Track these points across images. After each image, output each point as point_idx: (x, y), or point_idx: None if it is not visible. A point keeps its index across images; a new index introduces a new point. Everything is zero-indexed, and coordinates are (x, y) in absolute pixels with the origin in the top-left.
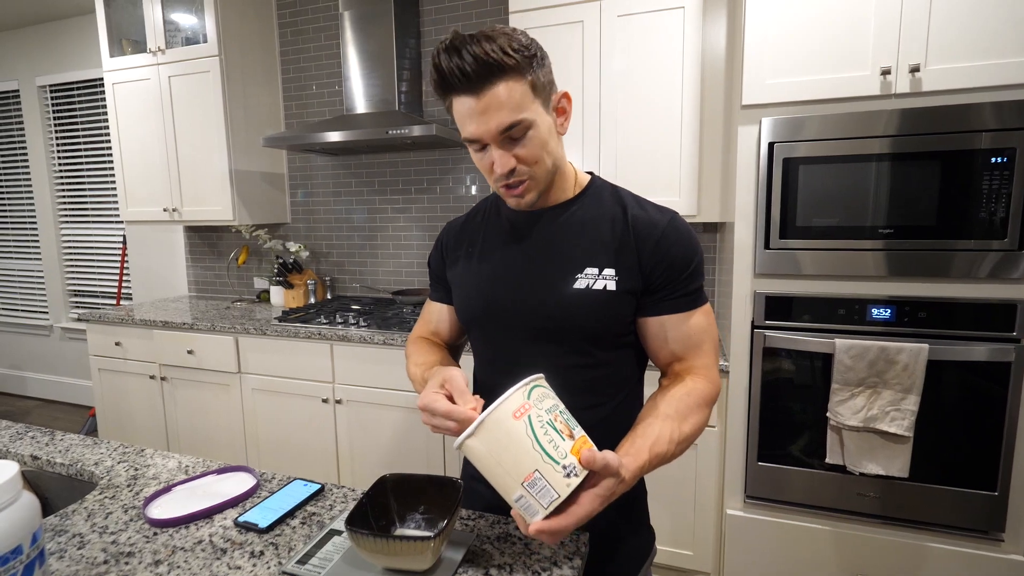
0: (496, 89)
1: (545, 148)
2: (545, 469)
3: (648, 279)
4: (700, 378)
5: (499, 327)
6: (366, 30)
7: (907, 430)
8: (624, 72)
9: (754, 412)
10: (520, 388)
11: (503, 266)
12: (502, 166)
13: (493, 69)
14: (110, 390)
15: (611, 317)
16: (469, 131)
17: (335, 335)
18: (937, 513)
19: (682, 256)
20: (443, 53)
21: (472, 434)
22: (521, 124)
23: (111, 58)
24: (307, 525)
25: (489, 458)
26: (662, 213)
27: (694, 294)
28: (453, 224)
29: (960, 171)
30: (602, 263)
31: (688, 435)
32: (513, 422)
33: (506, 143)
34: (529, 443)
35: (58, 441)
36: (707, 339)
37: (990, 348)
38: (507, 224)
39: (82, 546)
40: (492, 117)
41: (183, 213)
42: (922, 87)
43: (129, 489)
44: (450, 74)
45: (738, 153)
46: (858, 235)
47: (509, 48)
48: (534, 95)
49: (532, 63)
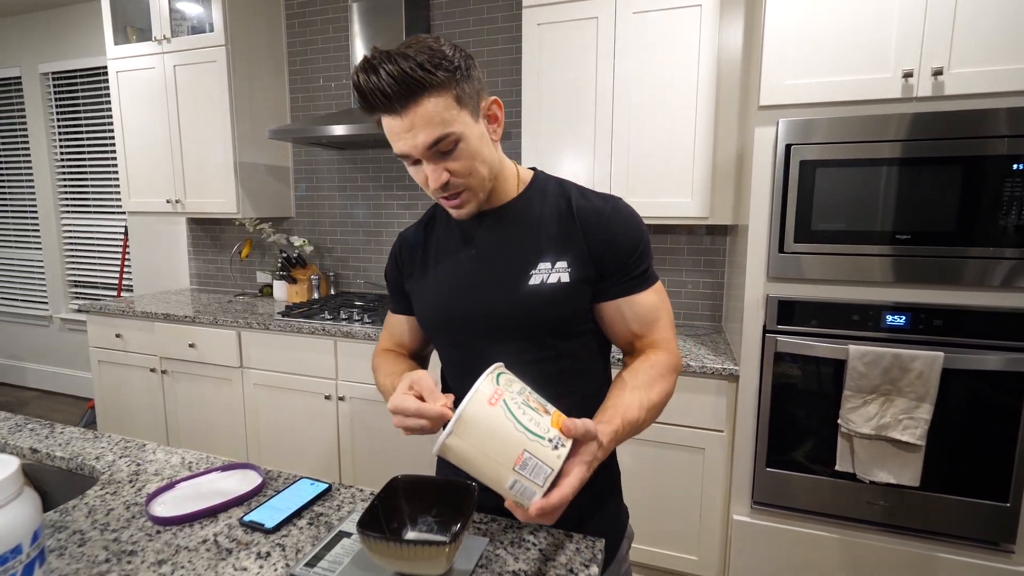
0: (419, 107)
1: (477, 158)
2: (533, 447)
3: (599, 266)
4: (661, 351)
5: (461, 332)
6: (375, 23)
7: (920, 439)
8: (638, 70)
9: (763, 417)
10: (487, 377)
11: (458, 272)
12: (435, 180)
13: (413, 87)
14: (110, 382)
15: (569, 308)
16: (398, 148)
17: (339, 331)
18: (947, 523)
19: (628, 240)
20: (361, 73)
21: (452, 432)
22: (448, 138)
23: (115, 46)
24: (315, 526)
25: (473, 451)
26: (605, 201)
27: (644, 274)
28: (405, 235)
29: (980, 177)
30: (553, 256)
31: (656, 402)
32: (490, 409)
33: (436, 157)
34: (511, 425)
35: (58, 434)
36: (662, 315)
37: (1006, 357)
38: (457, 229)
39: (83, 543)
40: (418, 134)
41: (186, 205)
42: (944, 91)
43: (131, 485)
44: (371, 95)
45: (754, 155)
46: (874, 240)
47: (429, 64)
48: (460, 107)
49: (455, 75)
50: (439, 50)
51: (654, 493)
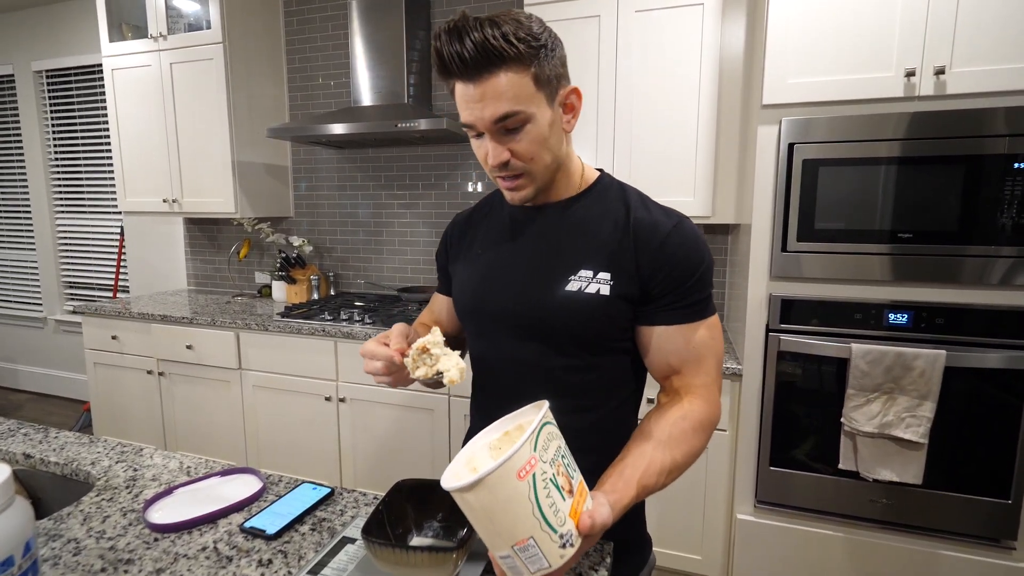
0: (495, 79)
1: (544, 144)
2: (541, 537)
3: (647, 285)
4: (698, 399)
5: (490, 323)
6: (375, 20)
7: (922, 437)
8: (640, 69)
9: (767, 416)
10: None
11: (498, 262)
12: (494, 157)
13: (493, 58)
14: (106, 385)
15: (602, 322)
16: (464, 117)
17: (339, 332)
18: (949, 520)
19: (686, 264)
20: (444, 35)
21: (468, 487)
22: (517, 116)
23: (111, 43)
24: (317, 532)
25: (481, 512)
26: (668, 216)
27: (698, 305)
28: (459, 218)
29: (982, 176)
30: (597, 265)
31: (681, 464)
32: (516, 483)
33: (501, 134)
34: (530, 508)
35: (52, 439)
36: (709, 355)
37: (1007, 355)
38: (507, 219)
39: (78, 552)
40: (487, 106)
41: (183, 204)
42: (946, 90)
43: (128, 491)
44: (449, 60)
45: (756, 154)
46: (876, 239)
47: (514, 37)
48: (537, 88)
49: (539, 54)
50: (527, 25)
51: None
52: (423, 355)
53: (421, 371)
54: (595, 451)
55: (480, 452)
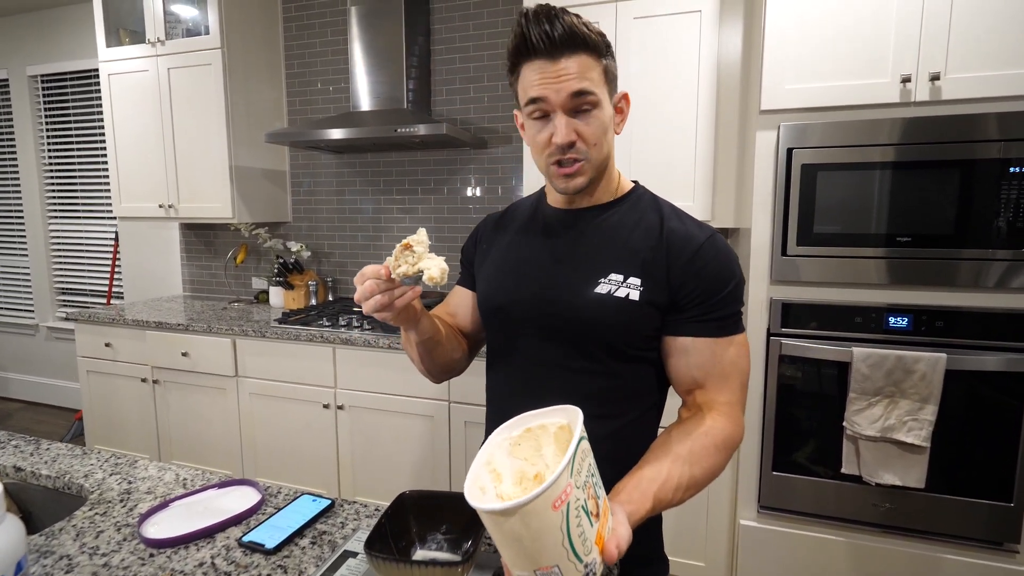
0: (576, 58)
1: (605, 134)
2: (566, 567)
3: (676, 295)
4: (722, 417)
5: (514, 321)
6: (374, 26)
7: (924, 440)
8: (639, 75)
9: (769, 421)
10: (566, 466)
11: (528, 261)
12: (564, 136)
13: (578, 41)
14: (99, 393)
15: (629, 327)
16: (537, 91)
17: (337, 338)
18: (951, 524)
19: (717, 277)
20: (531, 18)
21: (499, 514)
22: (591, 96)
23: (108, 48)
24: (318, 545)
25: (509, 537)
26: (702, 229)
27: (727, 320)
28: (492, 216)
29: (978, 180)
30: (628, 271)
31: (699, 481)
32: (551, 514)
33: (571, 114)
34: (560, 538)
35: (44, 450)
36: (735, 373)
37: (1007, 358)
38: (541, 221)
39: (70, 570)
40: (568, 80)
41: (180, 210)
42: (941, 95)
43: (122, 504)
44: (538, 38)
45: (755, 158)
46: (875, 243)
47: (592, 29)
48: (605, 80)
49: (609, 50)
50: (595, 26)
51: None
52: (405, 252)
53: (403, 268)
54: (611, 461)
55: (499, 453)
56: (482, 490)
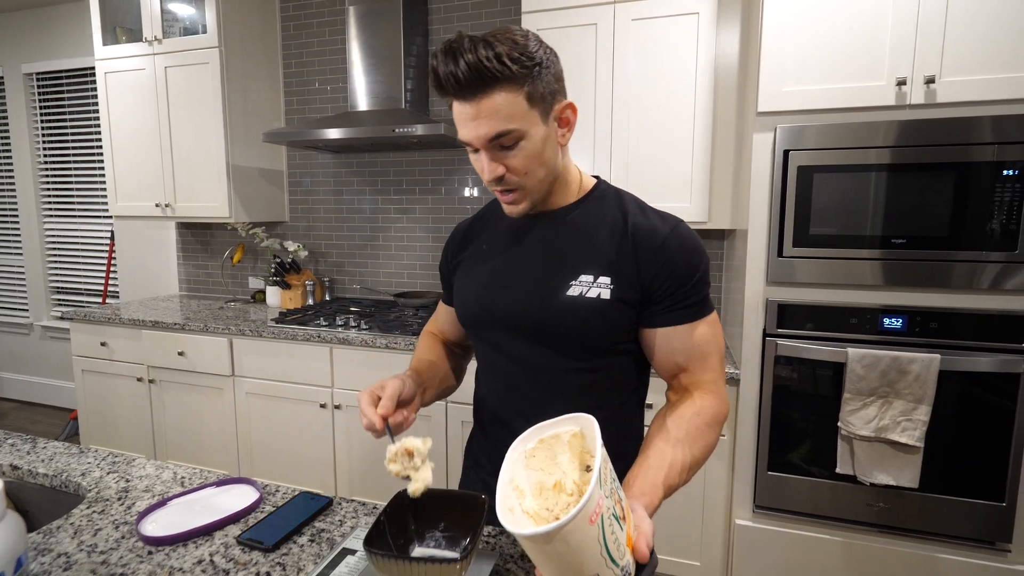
0: (489, 98)
1: (538, 159)
2: (605, 573)
3: (648, 289)
4: (708, 395)
5: (494, 330)
6: (372, 26)
7: (918, 440)
8: (637, 76)
9: (764, 421)
10: (598, 479)
11: (501, 270)
12: (490, 173)
13: (486, 78)
14: (94, 392)
15: (604, 326)
16: (462, 135)
17: (334, 338)
18: (945, 523)
19: (685, 266)
20: (441, 55)
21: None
22: (511, 134)
23: (104, 47)
24: (316, 543)
25: (552, 557)
26: (665, 221)
27: (699, 304)
28: (459, 229)
29: (973, 183)
30: (598, 270)
31: (699, 459)
32: (588, 528)
33: (496, 150)
34: (598, 549)
35: (40, 449)
36: (713, 351)
37: (1000, 359)
38: (508, 228)
39: (68, 567)
40: (482, 125)
41: (176, 209)
42: (936, 98)
43: (120, 503)
44: (445, 80)
45: (752, 160)
46: (870, 244)
47: (508, 57)
48: (530, 105)
49: (532, 72)
50: (523, 44)
51: None
52: (406, 455)
53: (396, 466)
54: None
55: (518, 468)
56: (511, 510)
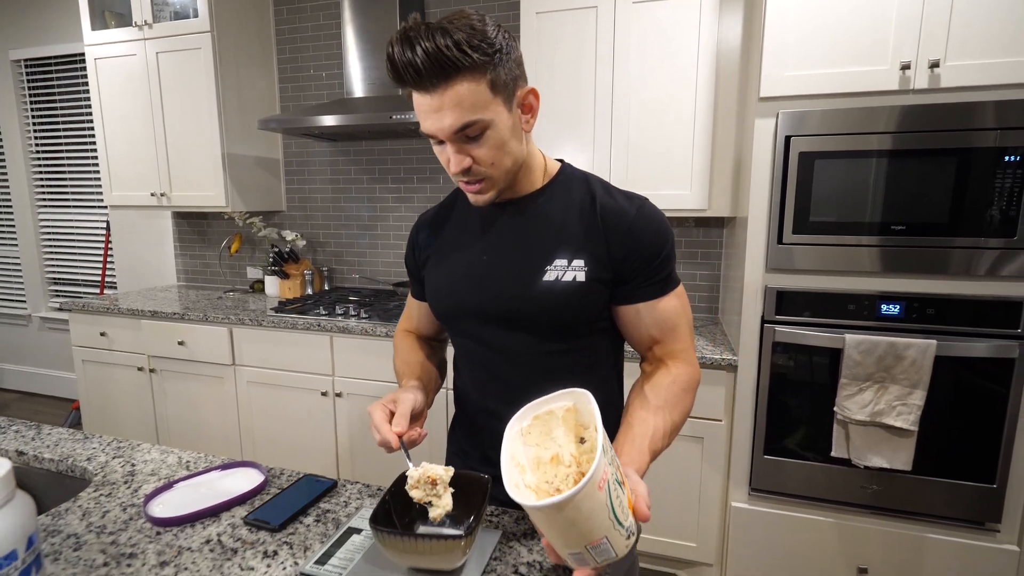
0: (451, 88)
1: (504, 148)
2: (613, 535)
3: (619, 268)
4: (681, 362)
5: (472, 322)
6: (367, 10)
7: (913, 424)
8: (637, 61)
9: (761, 406)
10: (602, 446)
11: (472, 261)
12: (456, 165)
13: (448, 67)
14: (95, 382)
15: (583, 307)
16: (424, 127)
17: (334, 326)
18: (936, 505)
19: (653, 244)
20: (396, 45)
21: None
22: (476, 124)
23: (93, 31)
24: (322, 523)
25: (563, 524)
26: (631, 201)
27: (666, 279)
28: (424, 218)
29: (973, 169)
30: (571, 253)
31: (678, 423)
32: (597, 495)
33: (461, 141)
34: (607, 512)
35: (45, 435)
36: (682, 321)
37: (995, 344)
38: (476, 217)
39: (78, 547)
40: (446, 116)
41: (172, 198)
42: (940, 83)
43: (127, 486)
44: (403, 69)
45: (753, 146)
46: (870, 231)
47: (467, 45)
48: (493, 93)
49: (493, 59)
50: (481, 30)
51: (653, 482)
52: (429, 482)
53: (418, 493)
54: None
55: (517, 445)
56: (516, 486)
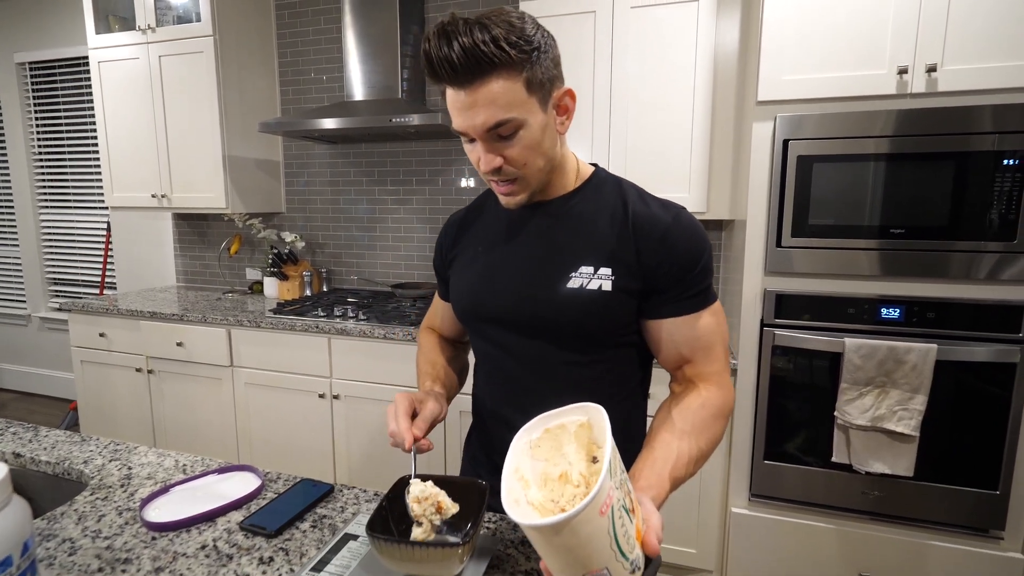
0: (486, 85)
1: (537, 149)
2: (615, 567)
3: (650, 279)
4: (713, 386)
5: (493, 324)
6: (368, 14)
7: (914, 429)
8: (635, 65)
9: (761, 410)
10: (608, 469)
11: (498, 263)
12: (487, 164)
13: (483, 64)
14: (93, 383)
15: (606, 318)
16: (457, 124)
17: (333, 328)
18: (939, 511)
19: (688, 255)
20: (433, 39)
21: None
22: (510, 123)
23: (97, 35)
24: (318, 529)
25: (555, 548)
26: (666, 209)
27: (703, 294)
28: (452, 221)
29: (972, 172)
30: (598, 261)
31: (705, 452)
32: (599, 520)
33: (493, 140)
34: (608, 541)
35: (42, 437)
36: (717, 341)
37: (996, 349)
38: (504, 219)
39: (73, 552)
40: (479, 113)
41: (172, 200)
42: (938, 87)
43: (123, 490)
44: (439, 65)
45: (751, 150)
46: (869, 234)
47: (505, 41)
48: (529, 92)
49: (531, 57)
50: (520, 27)
51: None
52: (432, 506)
53: (418, 508)
54: None
55: (524, 458)
56: (516, 502)
